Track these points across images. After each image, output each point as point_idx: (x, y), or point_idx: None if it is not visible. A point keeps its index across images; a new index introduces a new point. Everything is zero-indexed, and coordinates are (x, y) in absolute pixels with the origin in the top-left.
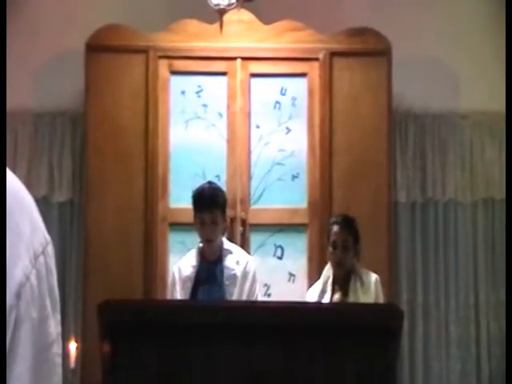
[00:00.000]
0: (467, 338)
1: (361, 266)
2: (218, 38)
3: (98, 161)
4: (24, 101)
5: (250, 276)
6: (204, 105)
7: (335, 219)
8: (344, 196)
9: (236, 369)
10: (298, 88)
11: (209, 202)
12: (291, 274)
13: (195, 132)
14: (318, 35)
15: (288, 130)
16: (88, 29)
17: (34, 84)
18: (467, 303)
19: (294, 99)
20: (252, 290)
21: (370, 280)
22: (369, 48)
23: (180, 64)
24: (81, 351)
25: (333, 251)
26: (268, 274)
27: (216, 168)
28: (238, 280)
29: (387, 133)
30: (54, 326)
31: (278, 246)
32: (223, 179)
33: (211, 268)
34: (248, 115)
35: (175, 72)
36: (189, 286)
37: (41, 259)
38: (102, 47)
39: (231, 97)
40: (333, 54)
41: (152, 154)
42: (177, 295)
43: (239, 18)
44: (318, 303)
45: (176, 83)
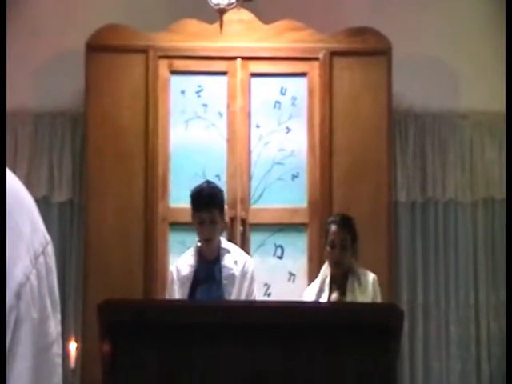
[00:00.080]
0: (467, 338)
1: (358, 266)
2: (218, 38)
3: (98, 161)
4: (24, 101)
5: (249, 276)
6: (204, 104)
7: (333, 218)
8: (344, 196)
9: (236, 368)
10: (298, 88)
11: (207, 202)
12: (291, 274)
13: (195, 132)
14: (318, 35)
15: (288, 130)
16: (88, 29)
17: (34, 84)
18: (467, 303)
19: (294, 99)
20: (250, 290)
21: (368, 279)
22: (369, 48)
23: (180, 64)
24: (81, 351)
25: (331, 250)
26: (268, 274)
27: (216, 168)
28: (237, 280)
29: (387, 132)
30: (54, 326)
31: (278, 246)
32: (223, 179)
33: (209, 267)
34: (248, 115)
35: (175, 72)
36: (187, 286)
37: (41, 259)
38: (102, 47)
39: (231, 96)
40: (333, 54)
41: (152, 154)
42: (175, 295)
43: (239, 18)
44: (319, 303)
45: (176, 83)
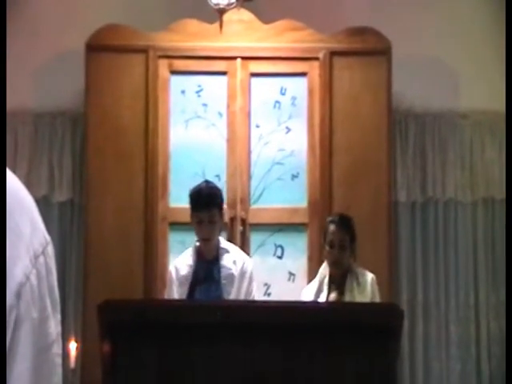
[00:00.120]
0: (467, 338)
1: (357, 265)
2: (218, 38)
3: (98, 160)
4: (24, 101)
5: (248, 275)
6: (204, 104)
7: (332, 218)
8: (344, 195)
9: (236, 368)
10: (298, 87)
11: (206, 201)
12: (291, 274)
13: (195, 131)
14: (318, 35)
15: (288, 130)
16: (88, 29)
17: (34, 84)
18: (467, 303)
19: (294, 99)
20: (249, 290)
21: (366, 279)
22: (369, 47)
23: (180, 64)
24: (81, 351)
25: (330, 250)
26: (268, 274)
27: (216, 167)
28: (236, 279)
29: (387, 132)
30: (54, 326)
31: (278, 246)
32: (223, 179)
33: (208, 267)
34: (248, 115)
35: (175, 72)
36: (186, 286)
37: (41, 259)
38: (102, 47)
39: (231, 96)
40: (333, 54)
41: (152, 154)
42: (174, 294)
43: (239, 18)
44: (319, 303)
45: (176, 83)
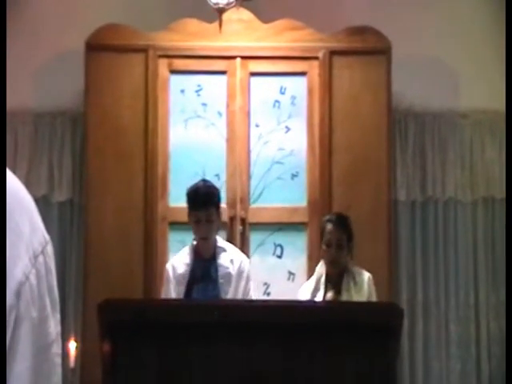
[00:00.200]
0: (467, 338)
1: (354, 264)
2: (218, 37)
3: (98, 160)
4: (24, 101)
5: (245, 275)
6: (203, 104)
7: (329, 217)
8: (344, 195)
9: (236, 368)
10: (298, 87)
11: (204, 200)
12: (291, 273)
13: (195, 131)
14: (318, 34)
15: (287, 129)
16: (88, 28)
17: (34, 84)
18: (467, 303)
19: (294, 98)
20: (247, 290)
21: (363, 279)
22: (369, 47)
23: (180, 63)
24: (81, 351)
25: (327, 249)
26: (267, 273)
27: (215, 167)
28: (233, 279)
29: (387, 131)
30: (54, 326)
31: (278, 245)
32: (223, 178)
33: (206, 266)
34: (247, 114)
35: (175, 71)
36: (183, 284)
37: (40, 259)
38: (102, 46)
39: (231, 96)
40: (332, 53)
41: (152, 154)
42: (171, 293)
43: (239, 17)
44: (319, 302)
45: (176, 82)
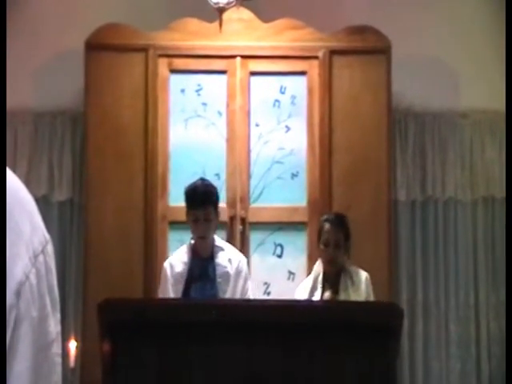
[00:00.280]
0: (467, 338)
1: (351, 264)
2: (218, 37)
3: (98, 160)
4: (24, 100)
5: (243, 274)
6: (203, 103)
7: (326, 217)
8: (344, 194)
9: (236, 368)
10: (298, 86)
11: (202, 199)
12: (291, 273)
13: (195, 131)
14: (318, 33)
15: (287, 129)
16: (88, 28)
17: (34, 83)
18: (467, 303)
19: (294, 97)
20: (245, 289)
21: (361, 278)
22: (369, 46)
23: (180, 62)
24: (81, 350)
25: (324, 249)
26: (268, 273)
27: (215, 166)
28: (231, 278)
29: (387, 131)
30: (54, 325)
31: (278, 245)
32: (223, 178)
33: (203, 265)
34: (247, 114)
35: (175, 70)
36: (181, 283)
37: (40, 258)
38: (102, 46)
39: (231, 95)
40: (332, 53)
41: (152, 153)
42: (169, 291)
43: (239, 17)
44: (318, 301)
45: (176, 82)
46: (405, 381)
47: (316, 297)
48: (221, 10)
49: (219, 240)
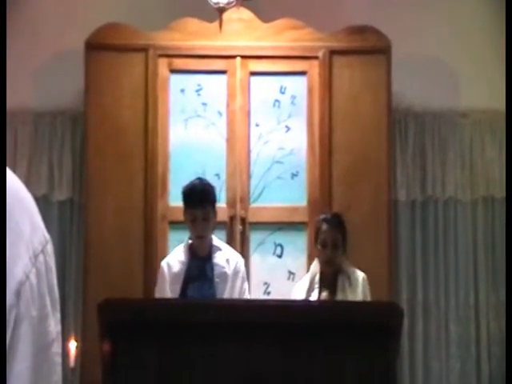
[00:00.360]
0: (467, 338)
1: (348, 264)
2: (218, 37)
3: (98, 160)
4: (24, 100)
5: (241, 275)
6: (204, 103)
7: (324, 217)
8: (344, 194)
9: (236, 368)
10: (298, 86)
11: (200, 198)
12: (291, 273)
13: (195, 131)
14: (318, 33)
15: (287, 129)
16: (88, 28)
17: (34, 83)
18: (467, 303)
19: (294, 97)
20: (242, 290)
21: (358, 279)
22: (368, 46)
23: (180, 62)
24: (81, 350)
25: (322, 249)
26: (267, 273)
27: (215, 166)
28: (229, 278)
29: (387, 131)
30: (54, 325)
31: (278, 245)
32: (223, 178)
33: (201, 265)
34: (247, 114)
35: (175, 70)
36: (179, 283)
37: (40, 258)
38: (102, 46)
39: (231, 95)
40: (332, 53)
41: (152, 153)
42: (166, 291)
43: (239, 17)
44: (318, 302)
45: (176, 82)
46: (405, 381)
47: (313, 297)
48: (221, 10)
49: (216, 240)
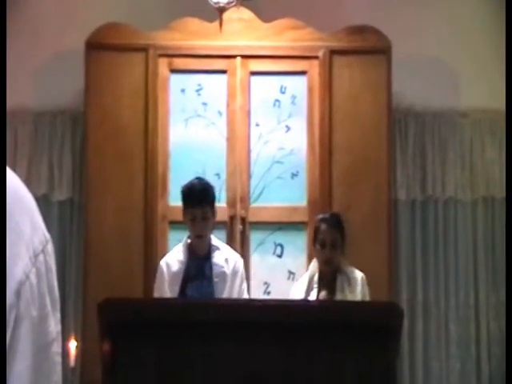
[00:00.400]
0: (467, 338)
1: (346, 264)
2: (218, 36)
3: (98, 160)
4: (24, 100)
5: (239, 275)
6: (204, 103)
7: (323, 217)
8: (344, 194)
9: (236, 367)
10: (298, 86)
11: (199, 198)
12: (291, 272)
13: (195, 130)
14: (318, 33)
15: (288, 128)
16: (88, 28)
17: (34, 83)
18: (467, 303)
19: (294, 97)
20: (241, 289)
21: (357, 279)
22: (369, 46)
23: (180, 62)
24: (81, 350)
25: (321, 250)
26: (268, 272)
27: (216, 166)
28: (228, 278)
29: (387, 131)
30: (54, 325)
31: (278, 244)
32: (223, 177)
33: (200, 264)
34: (248, 113)
35: (175, 70)
36: (178, 282)
37: (40, 258)
38: (102, 45)
39: (231, 95)
40: (332, 52)
41: (152, 153)
42: (165, 290)
43: (239, 16)
44: (318, 301)
45: (176, 81)
46: (405, 381)
47: (312, 297)
48: (221, 10)
49: (215, 239)
